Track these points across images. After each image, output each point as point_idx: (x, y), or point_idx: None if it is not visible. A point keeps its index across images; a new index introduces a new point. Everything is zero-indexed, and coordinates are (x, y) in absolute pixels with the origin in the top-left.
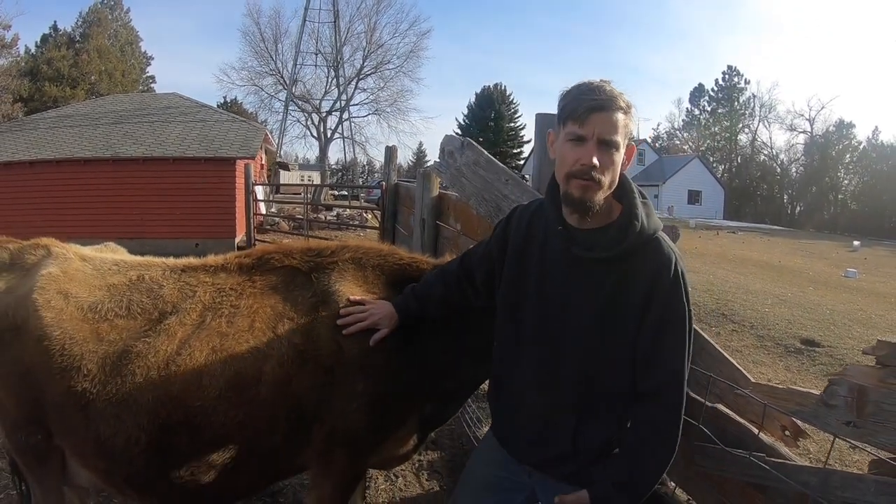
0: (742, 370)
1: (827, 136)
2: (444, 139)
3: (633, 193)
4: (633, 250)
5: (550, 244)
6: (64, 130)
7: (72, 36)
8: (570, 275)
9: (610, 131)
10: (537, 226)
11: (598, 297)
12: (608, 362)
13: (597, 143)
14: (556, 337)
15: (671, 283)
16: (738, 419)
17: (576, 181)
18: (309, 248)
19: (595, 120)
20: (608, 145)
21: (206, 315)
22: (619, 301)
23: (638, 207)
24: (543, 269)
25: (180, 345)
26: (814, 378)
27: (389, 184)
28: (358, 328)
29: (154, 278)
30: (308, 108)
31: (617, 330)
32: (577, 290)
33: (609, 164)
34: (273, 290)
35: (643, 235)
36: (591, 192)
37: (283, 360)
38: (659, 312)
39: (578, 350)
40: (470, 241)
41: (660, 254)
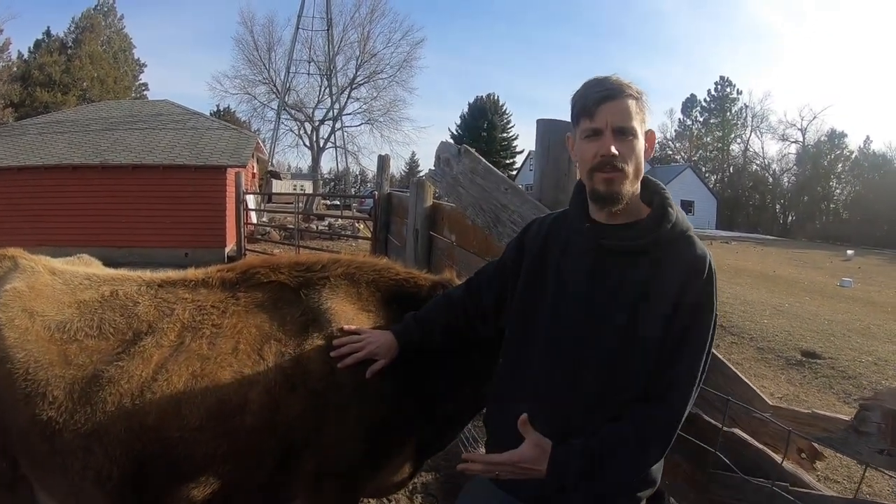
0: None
1: (819, 145)
2: (439, 146)
3: (664, 191)
4: (666, 242)
5: (574, 245)
6: (54, 136)
7: (64, 41)
8: (598, 270)
9: (623, 118)
10: (558, 231)
11: (629, 292)
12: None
13: (612, 132)
14: (578, 345)
15: (705, 280)
16: (756, 444)
17: (599, 175)
18: (298, 262)
19: (606, 110)
20: (624, 133)
21: (185, 336)
22: (651, 296)
23: (669, 200)
24: (565, 271)
25: (156, 369)
26: (817, 391)
27: (382, 193)
28: (354, 360)
29: (128, 294)
30: (301, 116)
31: (647, 329)
32: (606, 285)
33: (629, 152)
34: (259, 308)
35: (676, 229)
36: (616, 183)
37: (270, 385)
38: (688, 313)
39: (603, 358)
40: (465, 252)
41: (694, 248)
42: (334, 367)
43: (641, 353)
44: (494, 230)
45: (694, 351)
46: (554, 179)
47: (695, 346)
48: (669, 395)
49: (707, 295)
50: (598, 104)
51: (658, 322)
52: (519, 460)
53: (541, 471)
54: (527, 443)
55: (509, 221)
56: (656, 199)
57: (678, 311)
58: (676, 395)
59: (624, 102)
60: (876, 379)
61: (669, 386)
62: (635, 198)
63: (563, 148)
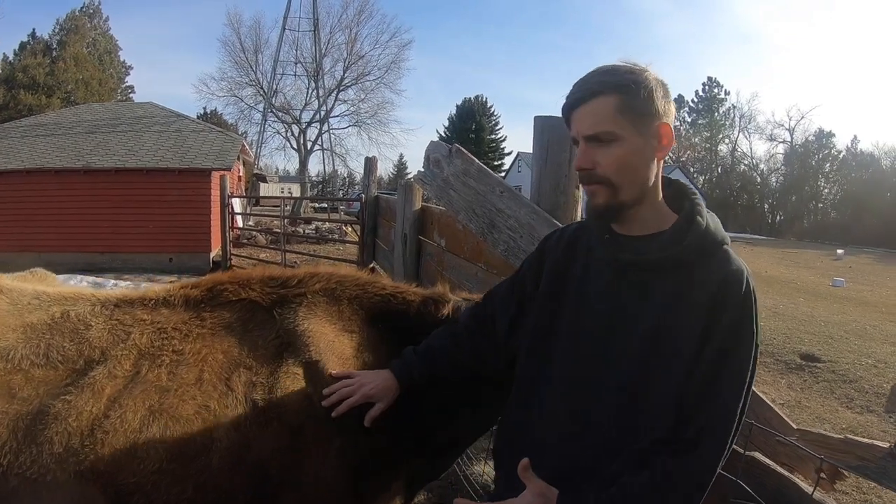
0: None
1: (807, 145)
2: (429, 146)
3: (694, 196)
4: (695, 254)
5: (595, 257)
6: (36, 140)
7: (48, 43)
8: (618, 287)
9: (594, 124)
10: (580, 242)
11: (651, 312)
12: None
13: (584, 141)
14: (596, 368)
15: (741, 301)
16: (780, 470)
17: (584, 188)
18: (271, 277)
19: (576, 118)
20: (597, 140)
21: (142, 364)
22: (677, 316)
23: (700, 206)
24: (585, 286)
25: (108, 404)
26: (818, 396)
27: (369, 196)
28: (347, 406)
29: (80, 316)
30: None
31: (672, 354)
32: (626, 304)
33: (609, 159)
34: (226, 331)
35: (708, 239)
36: (598, 196)
37: (240, 420)
38: (722, 337)
39: (623, 381)
40: (456, 258)
41: (728, 267)
42: (313, 398)
43: (665, 384)
44: (489, 236)
45: (731, 388)
46: (553, 181)
47: (732, 382)
48: (700, 442)
49: (745, 319)
50: (569, 111)
51: (685, 350)
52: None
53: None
54: (528, 491)
55: (505, 227)
56: (685, 205)
57: (710, 338)
58: (709, 443)
59: (595, 104)
60: (877, 382)
61: (701, 431)
62: (655, 206)
63: (562, 147)
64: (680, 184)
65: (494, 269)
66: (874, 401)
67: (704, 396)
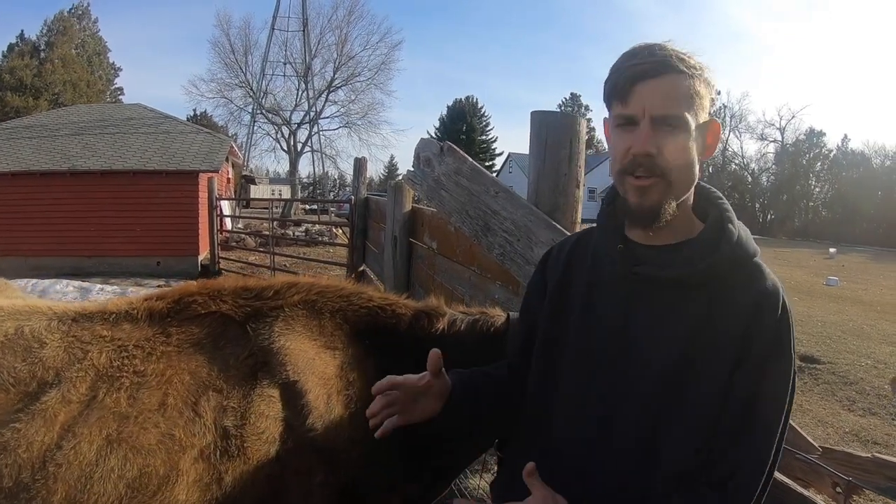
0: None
1: (798, 144)
2: (419, 143)
3: (722, 202)
4: (725, 270)
5: (605, 272)
6: (21, 142)
7: (36, 45)
8: (634, 305)
9: (667, 104)
10: (583, 255)
11: (675, 335)
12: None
13: (650, 122)
14: (611, 397)
15: (777, 325)
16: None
17: (630, 179)
18: (244, 288)
19: (643, 92)
20: (666, 123)
21: (99, 387)
22: (705, 341)
23: (731, 213)
24: (592, 306)
25: (62, 433)
26: (819, 399)
27: (358, 198)
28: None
29: (35, 333)
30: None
31: (700, 385)
32: (645, 325)
33: (674, 150)
34: (194, 349)
35: (739, 252)
36: (652, 192)
37: (209, 450)
38: (757, 365)
39: (642, 414)
40: (447, 261)
41: (762, 282)
42: (292, 424)
43: (691, 416)
44: (483, 239)
45: (766, 423)
46: (552, 181)
47: (767, 415)
48: (732, 483)
49: (781, 343)
50: (632, 83)
51: (715, 378)
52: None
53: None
54: (533, 498)
55: (501, 230)
56: (713, 212)
57: (743, 364)
58: (741, 484)
59: (670, 81)
60: (878, 384)
61: (733, 472)
62: (685, 210)
63: (561, 144)
64: (705, 187)
65: (488, 272)
66: (876, 403)
67: (736, 436)
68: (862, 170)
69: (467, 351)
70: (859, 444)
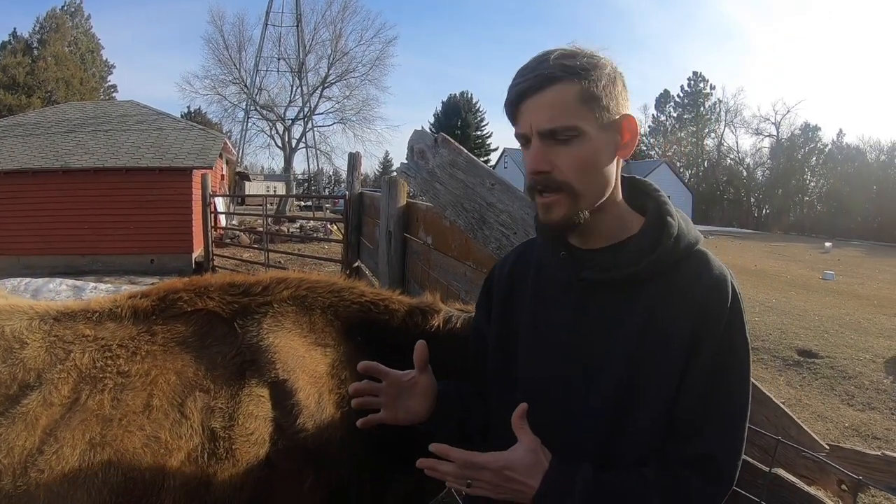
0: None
1: (793, 139)
2: (413, 135)
3: (659, 194)
4: (669, 264)
5: (548, 282)
6: (13, 140)
7: (29, 42)
8: (583, 312)
9: (552, 116)
10: (525, 268)
11: (623, 337)
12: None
13: (539, 138)
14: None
15: (729, 312)
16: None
17: (537, 198)
18: (232, 284)
19: (527, 110)
20: (555, 137)
21: (82, 389)
22: (654, 338)
23: (667, 204)
24: (539, 318)
25: (43, 437)
26: (818, 394)
27: (353, 193)
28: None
29: (16, 332)
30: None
31: (657, 382)
32: (593, 331)
33: (570, 161)
34: (180, 347)
35: (682, 243)
36: (556, 209)
37: (196, 453)
38: (712, 353)
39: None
40: (442, 256)
41: (708, 270)
42: (282, 424)
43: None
44: (479, 233)
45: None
46: None
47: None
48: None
49: (735, 328)
50: (517, 103)
51: (669, 371)
52: (505, 465)
53: (528, 489)
54: (520, 445)
55: (497, 223)
56: (650, 205)
57: (699, 353)
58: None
59: (553, 93)
60: (877, 378)
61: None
62: (620, 210)
63: None
64: (637, 180)
65: (484, 267)
66: (875, 397)
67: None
68: (857, 164)
69: (463, 348)
70: (860, 439)
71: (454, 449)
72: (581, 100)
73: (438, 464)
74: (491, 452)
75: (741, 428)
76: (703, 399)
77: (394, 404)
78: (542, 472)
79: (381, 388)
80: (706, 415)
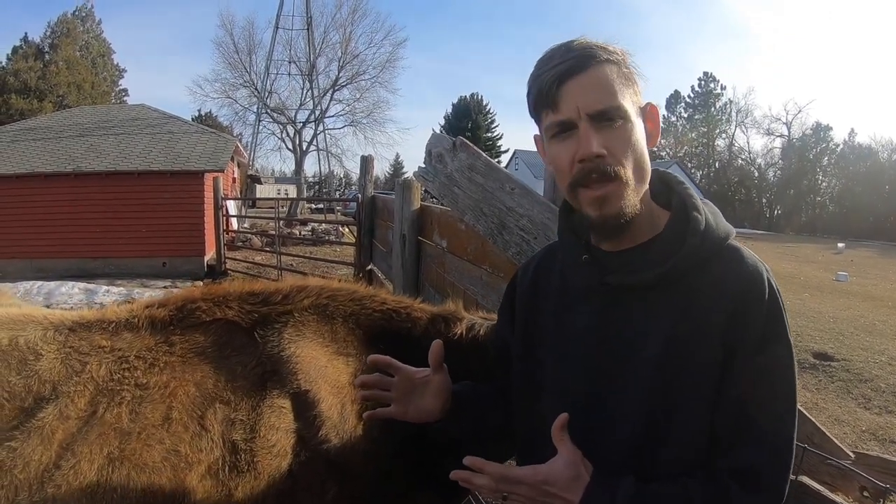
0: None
1: (804, 139)
2: (430, 139)
3: (683, 187)
4: (698, 261)
5: (572, 288)
6: (26, 144)
7: (40, 47)
8: (609, 317)
9: (601, 96)
10: (548, 273)
11: (653, 342)
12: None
13: (589, 121)
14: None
15: (766, 308)
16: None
17: (585, 192)
18: (251, 293)
19: (572, 91)
20: (606, 117)
21: (99, 402)
22: (687, 342)
23: (692, 197)
24: (564, 325)
25: (60, 451)
26: (835, 398)
27: (365, 196)
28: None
29: (31, 344)
30: (283, 119)
31: (687, 390)
32: (623, 338)
33: (623, 144)
34: (199, 358)
35: (710, 239)
36: (613, 199)
37: (217, 466)
38: (751, 354)
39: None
40: (458, 260)
41: (742, 265)
42: (304, 436)
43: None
44: (499, 238)
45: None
46: None
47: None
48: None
49: (775, 325)
50: (558, 85)
51: (706, 376)
52: (544, 480)
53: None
54: (560, 458)
55: (517, 228)
56: (674, 200)
57: (737, 354)
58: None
59: (598, 72)
60: (893, 381)
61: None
62: (648, 205)
63: None
64: (661, 173)
65: (501, 271)
66: (892, 401)
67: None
68: (869, 164)
69: (487, 357)
70: (877, 443)
71: (489, 463)
72: (622, 81)
73: (473, 476)
74: (529, 466)
75: (788, 435)
76: (744, 405)
77: (405, 400)
78: (583, 486)
79: (392, 383)
80: (748, 422)
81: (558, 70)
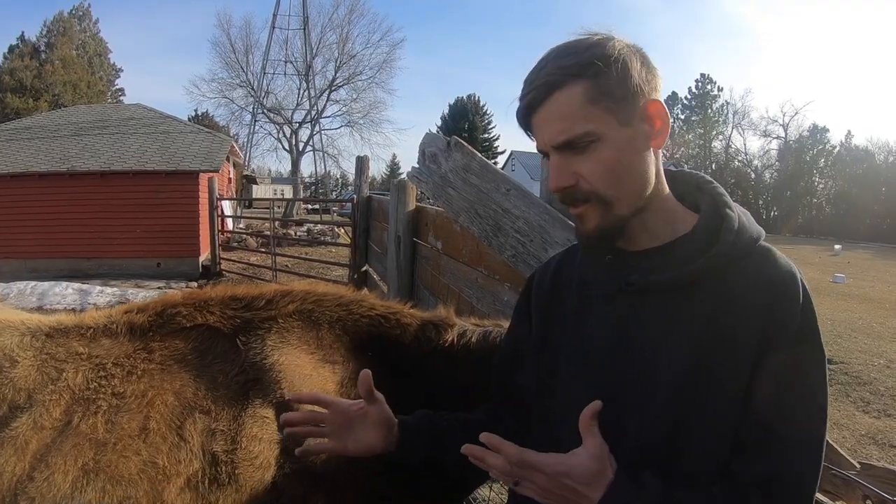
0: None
1: (801, 141)
2: (424, 138)
3: (713, 186)
4: (729, 261)
5: (594, 290)
6: (20, 143)
7: (36, 46)
8: (632, 318)
9: (563, 127)
10: (569, 274)
11: (680, 343)
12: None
13: (556, 153)
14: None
15: (801, 311)
16: None
17: (571, 210)
18: (233, 297)
19: (537, 125)
20: (571, 147)
21: (75, 411)
22: (715, 345)
23: (724, 198)
24: (584, 326)
25: (34, 462)
26: (834, 401)
27: (361, 197)
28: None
29: (6, 350)
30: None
31: (719, 388)
32: (647, 339)
33: (593, 169)
34: (179, 366)
35: (744, 238)
36: (589, 219)
37: (196, 478)
38: (782, 358)
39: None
40: (453, 262)
41: (775, 267)
42: (288, 447)
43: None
44: (494, 240)
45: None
46: None
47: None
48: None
49: (808, 329)
50: (526, 120)
51: (735, 381)
52: (565, 472)
53: (585, 501)
54: (584, 450)
55: (513, 230)
56: (705, 199)
57: (767, 359)
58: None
59: (559, 99)
60: (892, 384)
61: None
62: (668, 205)
63: None
64: (687, 174)
65: (496, 274)
66: (891, 404)
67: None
68: (866, 166)
69: (478, 365)
70: (876, 447)
71: (507, 443)
72: (590, 100)
73: (487, 454)
74: (550, 454)
75: (817, 444)
76: (774, 412)
77: (343, 434)
78: (605, 483)
79: (325, 417)
80: (777, 430)
81: (526, 101)
